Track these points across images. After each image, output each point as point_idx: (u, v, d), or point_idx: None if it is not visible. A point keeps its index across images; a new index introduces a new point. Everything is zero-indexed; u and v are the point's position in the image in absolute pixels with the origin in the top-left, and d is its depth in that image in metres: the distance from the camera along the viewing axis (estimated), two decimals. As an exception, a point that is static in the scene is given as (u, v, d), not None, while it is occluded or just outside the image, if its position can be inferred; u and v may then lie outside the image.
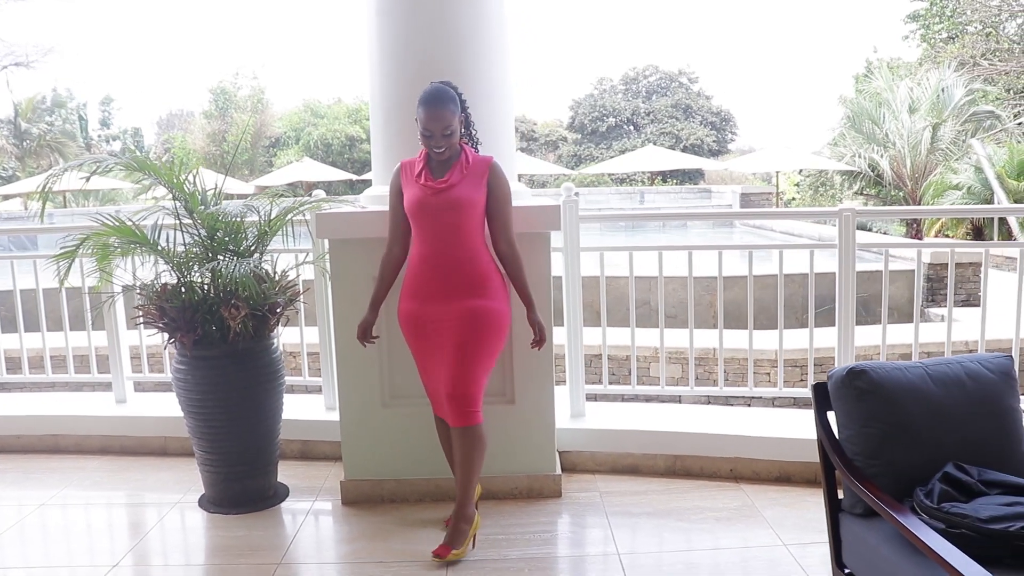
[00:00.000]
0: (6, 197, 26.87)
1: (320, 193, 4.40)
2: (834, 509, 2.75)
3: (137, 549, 3.65)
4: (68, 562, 3.59)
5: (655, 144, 34.52)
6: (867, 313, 7.57)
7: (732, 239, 14.74)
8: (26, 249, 14.56)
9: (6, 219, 22.56)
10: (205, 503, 4.03)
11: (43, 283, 5.02)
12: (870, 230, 18.60)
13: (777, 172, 23.55)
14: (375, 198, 4.01)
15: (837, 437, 2.71)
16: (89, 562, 3.54)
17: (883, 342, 4.30)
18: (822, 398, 2.76)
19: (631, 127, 40.29)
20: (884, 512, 2.37)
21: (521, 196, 4.05)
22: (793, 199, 28.52)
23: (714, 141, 38.85)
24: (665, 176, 32.57)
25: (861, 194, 22.19)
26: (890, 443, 2.57)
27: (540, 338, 3.56)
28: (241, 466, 3.95)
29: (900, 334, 5.77)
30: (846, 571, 2.69)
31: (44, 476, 4.50)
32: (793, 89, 79.69)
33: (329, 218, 3.90)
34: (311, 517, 3.92)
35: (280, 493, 4.12)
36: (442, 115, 3.31)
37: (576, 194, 4.35)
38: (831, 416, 2.75)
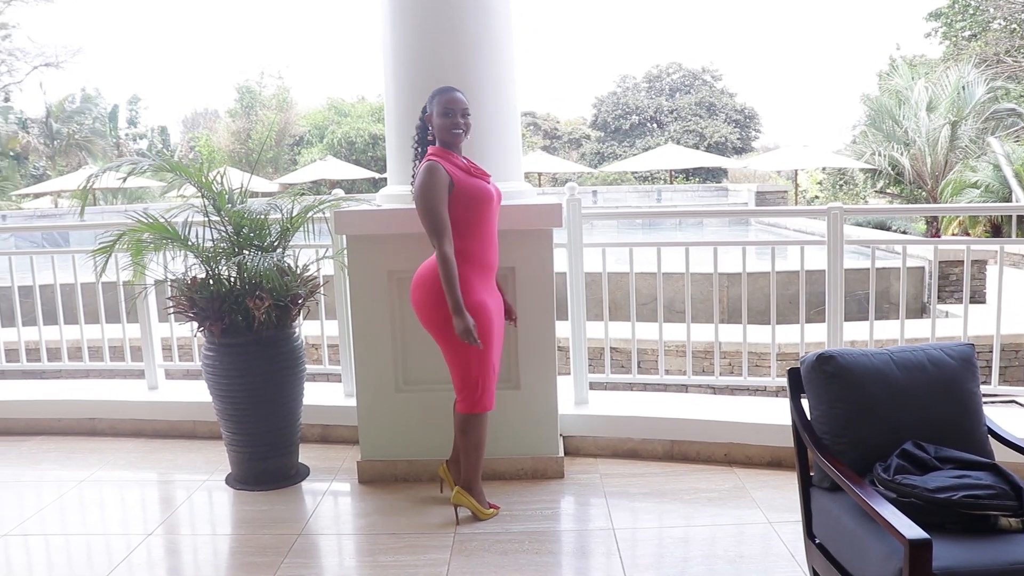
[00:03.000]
0: (37, 195, 27.45)
1: (339, 192, 4.69)
2: (806, 484, 2.99)
3: (169, 521, 3.96)
4: (105, 531, 3.91)
5: (679, 142, 34.62)
6: (862, 309, 7.74)
7: (748, 236, 14.90)
8: (58, 245, 15.03)
9: (38, 216, 23.10)
10: (231, 481, 4.33)
11: (80, 277, 5.35)
12: (890, 228, 18.67)
13: (796, 171, 23.61)
14: (390, 197, 4.27)
15: (808, 418, 2.95)
16: (124, 531, 3.86)
17: (871, 337, 4.51)
18: (796, 382, 3.01)
19: (654, 125, 40.33)
20: (843, 483, 2.60)
21: (525, 195, 4.30)
22: (816, 197, 28.56)
23: (738, 139, 38.82)
24: (688, 174, 32.65)
25: (884, 192, 22.25)
26: (855, 422, 2.81)
27: (515, 314, 3.98)
28: (264, 446, 4.24)
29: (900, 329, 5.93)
30: (816, 541, 2.92)
31: (82, 456, 4.83)
32: (819, 87, 79.27)
33: (347, 215, 4.17)
34: (329, 494, 4.20)
35: (301, 472, 4.41)
36: (460, 98, 3.64)
37: (593, 192, 4.66)
38: (805, 399, 2.99)
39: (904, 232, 18.89)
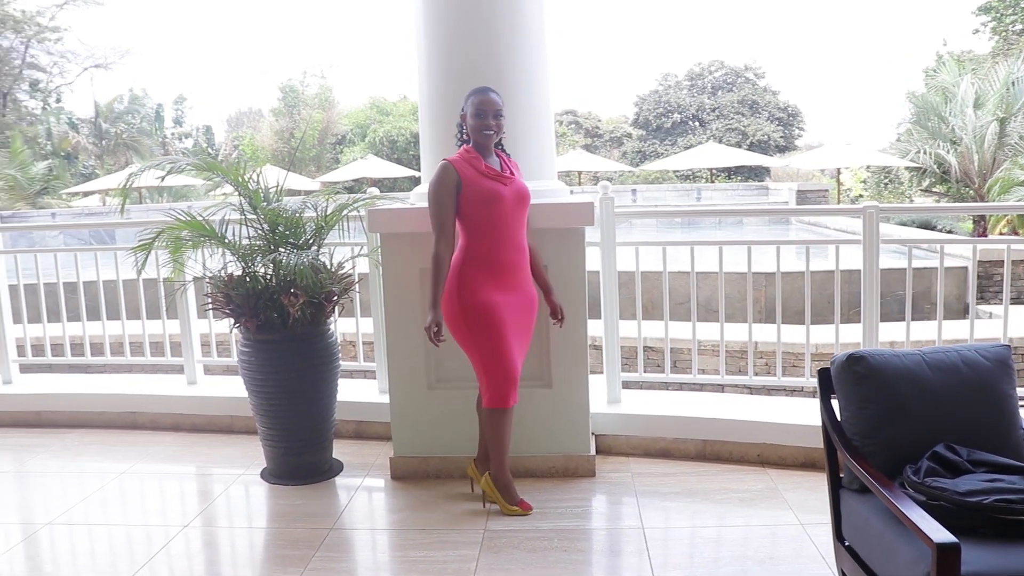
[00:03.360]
0: (86, 194, 28.01)
1: (374, 191, 4.74)
2: (836, 486, 2.96)
3: (205, 513, 4.04)
4: (144, 522, 3.99)
5: (721, 141, 34.38)
6: (914, 310, 7.61)
7: (788, 235, 14.74)
8: (104, 243, 15.32)
9: (86, 215, 23.58)
10: (266, 475, 4.40)
11: (122, 274, 5.47)
12: (936, 228, 18.34)
13: (838, 169, 23.28)
14: (423, 195, 4.30)
15: (839, 419, 2.93)
16: (163, 522, 3.94)
17: (907, 337, 4.46)
18: (826, 382, 2.98)
19: (696, 123, 40.06)
20: (871, 485, 2.58)
21: (558, 194, 4.32)
22: (861, 196, 28.15)
23: (781, 137, 38.41)
24: (730, 173, 32.39)
25: (930, 191, 21.85)
26: (885, 424, 2.77)
27: (563, 315, 3.94)
28: (298, 441, 4.30)
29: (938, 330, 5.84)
30: (845, 544, 2.90)
31: (123, 449, 4.95)
32: (863, 84, 78.03)
33: (380, 214, 4.21)
34: (362, 489, 4.25)
35: (335, 468, 4.46)
36: (494, 100, 3.70)
37: (632, 191, 4.69)
38: (836, 400, 2.96)
39: (950, 231, 18.55)
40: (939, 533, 2.22)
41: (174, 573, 3.47)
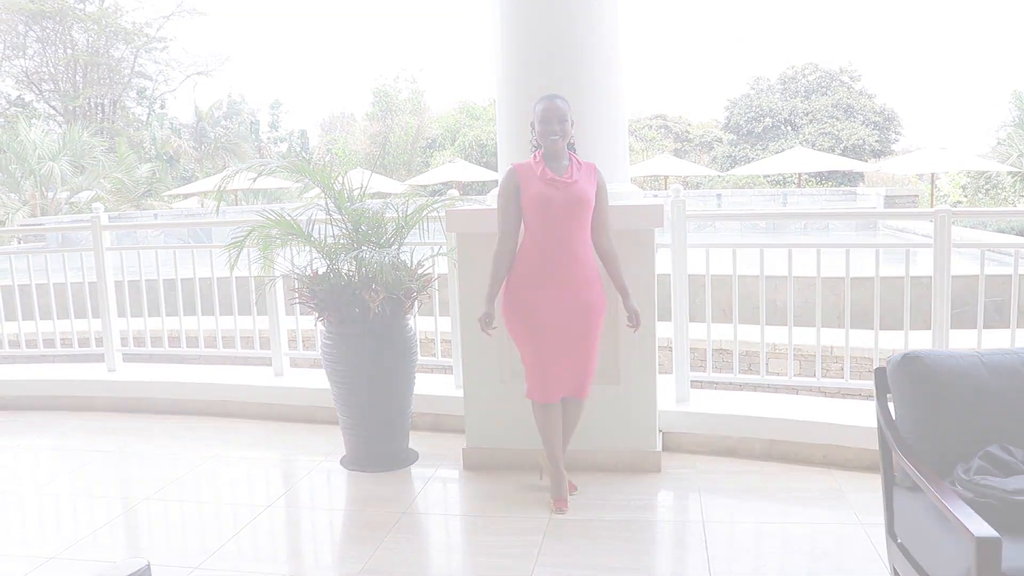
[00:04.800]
0: (186, 196, 29.16)
1: (454, 192, 4.94)
2: (890, 484, 3.01)
3: (288, 495, 4.31)
4: (232, 501, 4.30)
5: (814, 145, 33.73)
6: (1000, 317, 7.44)
7: (876, 239, 14.45)
8: (202, 243, 15.89)
9: (184, 216, 24.55)
10: (346, 462, 4.63)
11: (216, 271, 5.81)
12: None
13: (932, 174, 22.62)
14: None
15: (894, 417, 2.98)
16: (249, 502, 4.22)
17: (979, 344, 4.41)
18: (882, 382, 3.03)
19: (788, 127, 39.29)
20: (920, 481, 2.63)
21: (629, 196, 4.44)
22: (959, 201, 27.31)
23: (876, 141, 37.38)
24: (823, 178, 31.74)
25: (1035, 197, 21.10)
26: (939, 423, 2.81)
27: (637, 321, 3.98)
28: (376, 430, 4.53)
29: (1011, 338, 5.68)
30: (897, 541, 2.94)
31: (214, 434, 5.29)
32: (964, 87, 75.11)
33: (457, 214, 4.41)
34: (436, 478, 4.45)
35: (411, 457, 4.67)
36: (558, 106, 3.83)
37: (718, 196, 4.75)
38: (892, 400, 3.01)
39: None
40: (980, 527, 2.26)
41: (258, 547, 3.74)
